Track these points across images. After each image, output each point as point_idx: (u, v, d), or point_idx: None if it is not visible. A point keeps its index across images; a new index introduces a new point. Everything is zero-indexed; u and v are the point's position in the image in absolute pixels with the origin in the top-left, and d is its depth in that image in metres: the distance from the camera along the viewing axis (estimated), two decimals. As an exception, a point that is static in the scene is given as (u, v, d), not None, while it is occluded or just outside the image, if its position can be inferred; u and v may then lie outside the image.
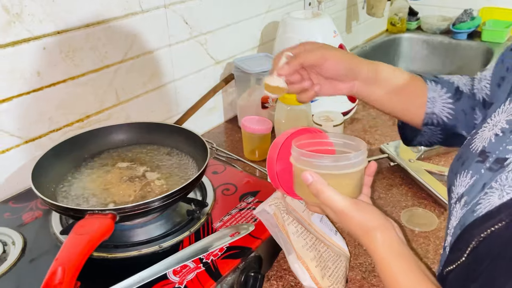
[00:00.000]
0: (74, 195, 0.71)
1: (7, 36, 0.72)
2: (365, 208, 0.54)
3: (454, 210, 0.50)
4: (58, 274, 0.48)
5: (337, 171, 0.54)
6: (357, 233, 0.53)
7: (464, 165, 0.52)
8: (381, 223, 0.53)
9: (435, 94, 0.67)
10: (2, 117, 0.75)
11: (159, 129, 0.83)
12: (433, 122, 0.68)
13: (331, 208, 0.54)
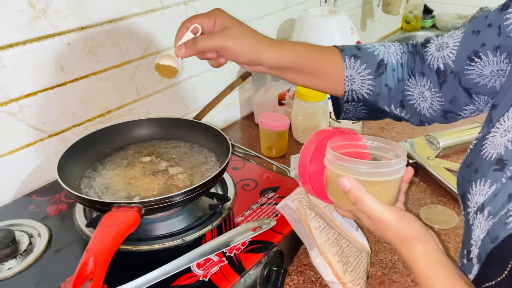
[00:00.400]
0: (98, 189, 0.72)
1: (33, 31, 0.73)
2: (404, 217, 0.52)
3: (476, 220, 0.49)
4: (90, 265, 0.49)
5: (377, 178, 0.52)
6: (394, 241, 0.51)
7: (479, 172, 0.51)
8: (421, 233, 0.51)
9: (352, 71, 0.65)
10: (27, 112, 0.76)
11: (181, 124, 0.83)
12: (354, 99, 0.67)
13: (369, 216, 0.52)
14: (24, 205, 0.76)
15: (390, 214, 0.51)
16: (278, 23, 1.26)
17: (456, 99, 0.62)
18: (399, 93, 0.66)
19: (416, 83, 0.65)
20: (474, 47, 0.58)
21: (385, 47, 0.68)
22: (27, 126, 0.77)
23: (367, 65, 0.66)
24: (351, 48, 0.67)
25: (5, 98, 0.73)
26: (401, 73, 0.66)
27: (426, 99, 0.65)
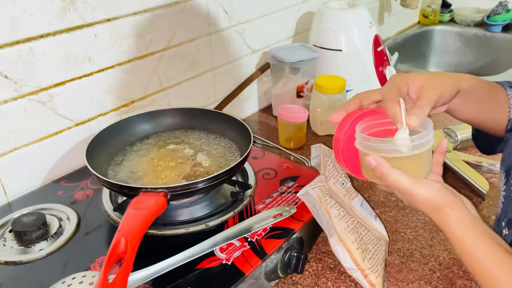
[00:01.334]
0: (124, 175, 0.74)
1: (63, 22, 0.76)
2: (431, 186, 0.54)
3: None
4: (122, 244, 0.52)
5: (400, 154, 0.54)
6: (426, 210, 0.55)
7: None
8: (451, 200, 0.54)
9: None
10: (56, 101, 0.79)
11: (203, 115, 0.86)
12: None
13: (398, 190, 0.55)
14: (53, 190, 0.79)
15: (416, 185, 0.54)
16: (297, 16, 1.28)
17: None
18: None
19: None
20: None
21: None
22: (56, 115, 0.80)
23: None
24: (505, 83, 0.69)
25: (36, 87, 0.76)
26: None
27: None
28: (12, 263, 0.63)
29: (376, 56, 1.17)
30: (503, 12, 1.79)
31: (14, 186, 0.78)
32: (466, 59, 1.88)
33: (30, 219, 0.68)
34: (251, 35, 1.14)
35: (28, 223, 0.68)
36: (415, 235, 0.79)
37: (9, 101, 0.73)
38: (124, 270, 0.49)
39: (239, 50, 1.12)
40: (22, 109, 0.75)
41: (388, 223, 0.81)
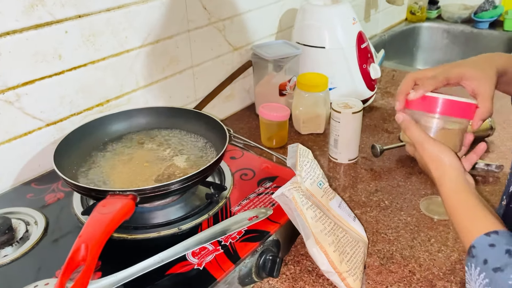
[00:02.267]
0: (95, 177, 0.72)
1: (30, 19, 0.73)
2: (444, 148, 0.60)
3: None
4: (82, 251, 0.49)
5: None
6: (430, 166, 0.60)
7: None
8: (455, 163, 0.59)
9: None
10: (25, 100, 0.76)
11: (179, 114, 0.83)
12: None
13: (414, 141, 0.61)
14: (23, 193, 0.76)
15: (430, 140, 0.60)
16: (281, 13, 1.25)
17: None
18: None
19: None
20: None
21: None
22: (25, 115, 0.77)
23: None
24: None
25: (2, 86, 0.73)
26: None
27: None
28: (-26, 269, 0.61)
29: (359, 53, 1.16)
30: (490, 9, 1.78)
31: (-18, 189, 0.76)
32: (453, 56, 1.87)
33: (-5, 223, 0.65)
34: (232, 32, 1.11)
35: (-7, 227, 0.65)
36: (396, 235, 0.77)
37: (-27, 101, 0.71)
38: (83, 278, 0.47)
39: (220, 47, 1.10)
40: (-12, 109, 0.72)
41: (369, 223, 0.80)
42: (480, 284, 0.50)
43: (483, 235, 0.52)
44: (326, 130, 1.09)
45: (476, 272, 0.51)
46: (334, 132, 0.96)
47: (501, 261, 0.49)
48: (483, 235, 0.52)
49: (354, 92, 1.15)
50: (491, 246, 0.51)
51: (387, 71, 1.46)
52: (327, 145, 1.04)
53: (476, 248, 0.52)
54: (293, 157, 0.70)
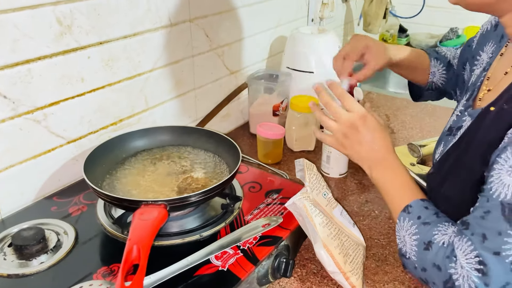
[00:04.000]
0: (119, 189, 0.78)
1: (59, 45, 0.80)
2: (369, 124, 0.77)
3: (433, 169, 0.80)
4: (134, 252, 0.56)
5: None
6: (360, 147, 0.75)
7: (439, 141, 0.80)
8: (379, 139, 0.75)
9: (435, 69, 0.98)
10: (51, 119, 0.82)
11: (192, 132, 0.91)
12: (432, 87, 1.00)
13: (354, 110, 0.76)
14: (47, 206, 0.82)
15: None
16: (271, 40, 1.36)
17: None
18: (458, 82, 0.95)
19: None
20: (463, 59, 0.91)
21: (448, 51, 1.01)
22: (50, 133, 0.83)
23: (443, 64, 0.98)
24: (433, 51, 1.01)
25: (32, 107, 0.79)
26: (458, 69, 0.95)
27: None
28: (15, 276, 0.66)
29: (344, 78, 1.27)
30: (454, 38, 1.96)
31: (8, 203, 0.80)
32: (422, 80, 2.02)
33: (29, 233, 0.71)
34: (230, 57, 1.21)
35: (28, 237, 0.70)
36: (387, 241, 0.87)
37: (6, 120, 0.76)
38: (140, 275, 0.53)
39: (219, 71, 1.19)
40: (18, 128, 0.78)
41: (363, 231, 0.89)
42: (410, 233, 0.64)
43: (419, 199, 0.67)
44: (316, 148, 1.19)
45: (409, 224, 0.65)
46: (327, 149, 1.06)
47: (430, 218, 0.64)
48: (418, 199, 0.67)
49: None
50: (425, 208, 0.66)
51: (365, 93, 1.59)
52: (318, 161, 1.14)
53: (413, 207, 0.67)
54: (301, 170, 0.79)
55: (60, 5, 0.78)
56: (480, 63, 0.80)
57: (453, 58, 0.98)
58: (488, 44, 0.78)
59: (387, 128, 0.80)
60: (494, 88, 0.69)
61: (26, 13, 0.74)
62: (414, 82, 1.03)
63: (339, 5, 1.71)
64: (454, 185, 0.68)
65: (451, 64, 0.98)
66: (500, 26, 0.77)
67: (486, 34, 0.81)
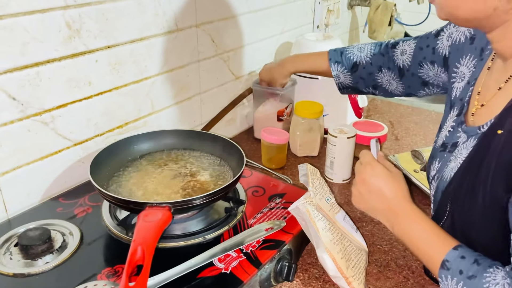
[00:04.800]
0: (125, 191, 0.79)
1: (68, 49, 0.81)
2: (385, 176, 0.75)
3: (431, 186, 0.79)
4: (138, 253, 0.57)
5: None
6: (375, 199, 0.73)
7: (433, 157, 0.80)
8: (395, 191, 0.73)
9: (337, 72, 1.03)
10: (58, 122, 0.83)
11: (197, 136, 0.92)
12: (343, 86, 1.05)
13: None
14: (52, 207, 0.83)
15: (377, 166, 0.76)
16: (276, 46, 1.37)
17: (412, 86, 0.95)
18: (371, 81, 1.00)
19: (384, 75, 0.98)
20: (420, 59, 0.90)
21: (359, 51, 1.01)
22: (57, 135, 0.84)
23: (345, 67, 1.02)
24: (336, 54, 1.03)
25: (40, 109, 0.80)
26: (370, 69, 0.99)
27: (392, 84, 0.98)
28: (21, 275, 0.67)
29: (349, 84, 1.28)
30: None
31: (14, 203, 0.81)
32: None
33: (35, 233, 0.72)
34: (235, 63, 1.22)
35: (34, 237, 0.71)
36: (390, 247, 0.87)
37: (15, 121, 0.77)
38: (144, 276, 0.54)
39: (224, 76, 1.20)
40: (27, 129, 0.79)
41: (366, 236, 0.89)
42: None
43: (452, 249, 0.61)
44: (320, 153, 1.20)
45: (454, 282, 0.60)
46: (331, 154, 1.07)
47: (472, 270, 0.58)
48: (451, 249, 0.61)
49: (343, 119, 1.27)
50: (462, 258, 0.60)
51: (369, 100, 1.60)
52: (322, 167, 1.14)
53: (450, 261, 0.61)
54: (304, 175, 0.80)
55: (69, 9, 0.79)
56: (460, 76, 0.78)
57: (364, 57, 0.99)
58: (466, 57, 0.77)
59: (399, 176, 0.73)
60: (488, 104, 0.69)
61: (36, 16, 0.75)
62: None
63: (344, 11, 1.73)
64: (471, 216, 0.64)
65: (358, 65, 1.00)
66: (478, 39, 0.76)
67: (460, 46, 0.80)
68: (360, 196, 0.73)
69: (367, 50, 1.00)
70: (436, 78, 0.90)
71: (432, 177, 0.77)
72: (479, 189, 0.62)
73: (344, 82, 1.03)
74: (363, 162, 0.75)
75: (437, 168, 0.75)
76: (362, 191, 0.73)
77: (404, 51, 0.93)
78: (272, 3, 1.30)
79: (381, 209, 0.71)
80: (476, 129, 0.67)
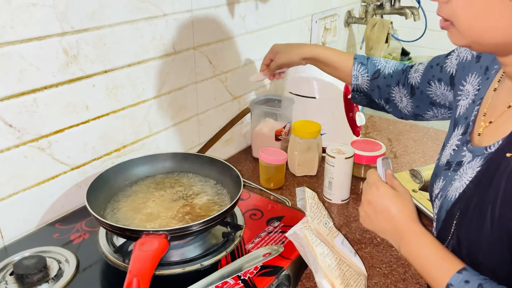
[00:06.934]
0: (122, 217, 0.78)
1: (65, 74, 0.81)
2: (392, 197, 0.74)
3: (434, 205, 0.77)
4: (134, 284, 0.56)
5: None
6: (380, 217, 0.72)
7: (437, 176, 0.78)
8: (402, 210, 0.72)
9: (356, 72, 1.00)
10: (55, 147, 0.83)
11: (196, 159, 0.92)
12: (358, 89, 1.02)
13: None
14: (49, 233, 0.82)
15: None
16: (274, 65, 1.37)
17: (420, 106, 0.95)
18: (386, 93, 0.99)
19: (399, 90, 0.97)
20: (429, 77, 0.90)
21: (386, 62, 1.01)
22: (54, 160, 0.84)
23: (367, 71, 1.00)
24: (363, 57, 1.02)
25: (37, 135, 0.80)
26: (389, 81, 0.98)
27: (402, 102, 0.98)
28: (16, 305, 0.66)
29: (346, 103, 1.28)
30: (456, 61, 1.97)
31: (11, 230, 0.81)
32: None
33: (31, 262, 0.71)
34: (233, 83, 1.22)
35: (30, 266, 0.70)
36: (389, 270, 0.86)
37: (11, 148, 0.77)
38: (139, 309, 0.53)
39: (222, 96, 1.20)
40: (23, 156, 0.79)
41: (365, 259, 0.89)
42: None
43: (456, 273, 0.60)
44: (318, 173, 1.19)
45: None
46: (329, 175, 1.06)
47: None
48: (456, 273, 0.60)
49: (341, 138, 1.27)
50: (466, 283, 0.59)
51: (367, 117, 1.60)
52: (320, 186, 1.14)
53: (454, 285, 0.59)
54: (302, 199, 0.79)
55: (67, 35, 0.80)
56: (465, 94, 0.78)
57: (387, 68, 0.99)
58: (472, 76, 0.77)
59: (406, 195, 0.72)
60: (495, 122, 0.68)
61: (33, 44, 0.75)
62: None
63: (341, 29, 1.74)
64: (478, 238, 0.63)
65: (380, 73, 0.99)
66: (484, 58, 0.75)
67: (466, 64, 0.80)
68: (367, 217, 0.73)
69: (392, 64, 1.01)
70: (443, 98, 0.89)
71: (435, 196, 0.76)
72: (487, 211, 0.61)
73: (360, 85, 1.01)
74: (369, 182, 0.74)
75: (441, 187, 0.74)
76: (368, 212, 0.72)
77: (417, 70, 0.94)
78: (269, 23, 1.31)
79: (389, 230, 0.70)
80: (483, 149, 0.66)
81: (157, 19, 0.95)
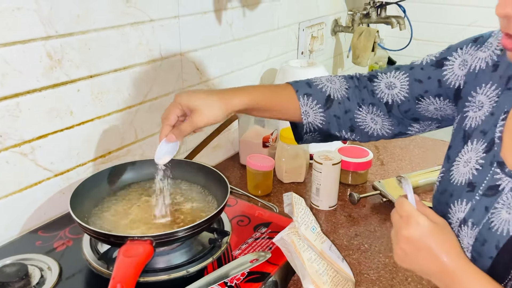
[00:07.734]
0: (106, 223, 0.77)
1: (49, 79, 0.80)
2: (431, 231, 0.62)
3: (462, 232, 0.64)
4: (117, 291, 0.55)
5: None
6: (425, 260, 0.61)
7: (454, 196, 0.66)
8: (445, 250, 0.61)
9: (306, 107, 0.81)
10: (38, 152, 0.82)
11: (181, 165, 0.90)
12: (311, 129, 0.83)
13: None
14: (31, 240, 0.80)
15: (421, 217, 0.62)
16: (261, 72, 1.38)
17: (402, 123, 0.82)
18: (347, 121, 0.82)
19: (368, 111, 0.81)
20: (420, 92, 0.77)
21: (331, 82, 0.83)
22: (37, 166, 0.82)
23: (317, 101, 0.81)
24: (303, 86, 0.82)
25: (19, 140, 0.79)
26: (348, 105, 0.82)
27: (377, 123, 0.82)
28: (-5, 315, 0.64)
29: (334, 110, 1.28)
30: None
31: (-9, 237, 0.79)
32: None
33: (12, 269, 0.69)
34: (220, 89, 1.22)
35: (11, 273, 0.68)
36: (377, 276, 0.86)
37: (-7, 153, 0.76)
38: (122, 316, 0.52)
39: (209, 103, 1.19)
40: (5, 161, 0.77)
41: (353, 265, 0.88)
42: None
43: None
44: (306, 179, 1.19)
45: None
46: (316, 181, 1.06)
47: None
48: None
49: (329, 144, 1.27)
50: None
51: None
52: (308, 193, 1.14)
53: None
54: (289, 204, 0.79)
55: (51, 39, 0.79)
56: (478, 105, 0.69)
57: (337, 91, 0.82)
58: (486, 86, 0.69)
59: (446, 228, 0.62)
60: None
61: (16, 47, 0.74)
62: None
63: (328, 38, 1.75)
64: None
65: (333, 99, 0.81)
66: (502, 67, 0.68)
67: (479, 74, 0.70)
68: (405, 255, 0.62)
69: (339, 82, 0.83)
70: (436, 112, 0.78)
71: (460, 220, 0.65)
72: None
73: (313, 123, 0.82)
74: (403, 216, 0.62)
75: (468, 212, 0.64)
76: (408, 251, 0.61)
77: (391, 85, 0.79)
78: (257, 31, 1.31)
79: (434, 271, 0.60)
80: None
81: (144, 25, 0.95)
